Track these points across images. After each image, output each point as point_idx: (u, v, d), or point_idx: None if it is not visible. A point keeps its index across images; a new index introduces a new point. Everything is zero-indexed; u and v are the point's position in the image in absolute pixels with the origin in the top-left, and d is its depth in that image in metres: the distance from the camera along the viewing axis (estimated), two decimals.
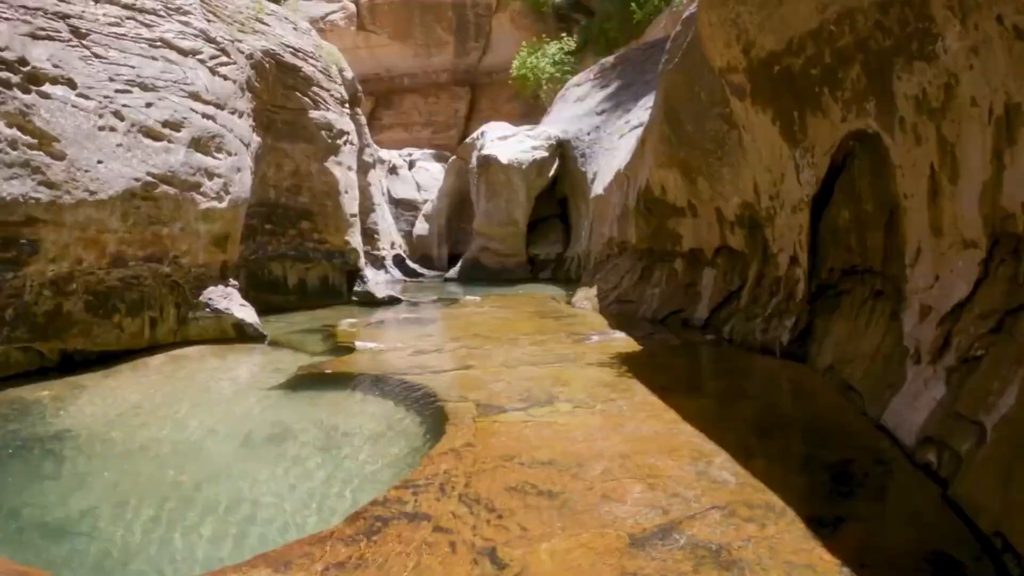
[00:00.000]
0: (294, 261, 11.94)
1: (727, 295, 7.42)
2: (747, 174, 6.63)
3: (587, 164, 15.48)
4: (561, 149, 17.23)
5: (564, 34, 28.44)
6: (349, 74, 16.09)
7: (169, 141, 8.04)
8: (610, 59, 18.88)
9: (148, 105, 7.96)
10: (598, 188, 12.99)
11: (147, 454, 4.48)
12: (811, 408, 4.57)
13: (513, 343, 7.18)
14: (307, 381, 6.24)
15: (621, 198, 10.85)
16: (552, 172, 17.34)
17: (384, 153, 24.77)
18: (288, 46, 11.18)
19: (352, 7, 34.71)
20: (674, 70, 7.42)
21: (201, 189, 8.37)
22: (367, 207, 17.98)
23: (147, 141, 7.79)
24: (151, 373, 7.07)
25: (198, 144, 8.37)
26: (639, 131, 11.58)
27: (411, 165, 25.87)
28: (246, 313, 8.94)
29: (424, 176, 25.03)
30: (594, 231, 13.20)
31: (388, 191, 23.76)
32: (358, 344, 7.49)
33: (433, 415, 4.77)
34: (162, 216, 7.94)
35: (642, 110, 13.91)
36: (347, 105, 12.91)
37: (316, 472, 4.19)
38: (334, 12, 34.90)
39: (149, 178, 7.71)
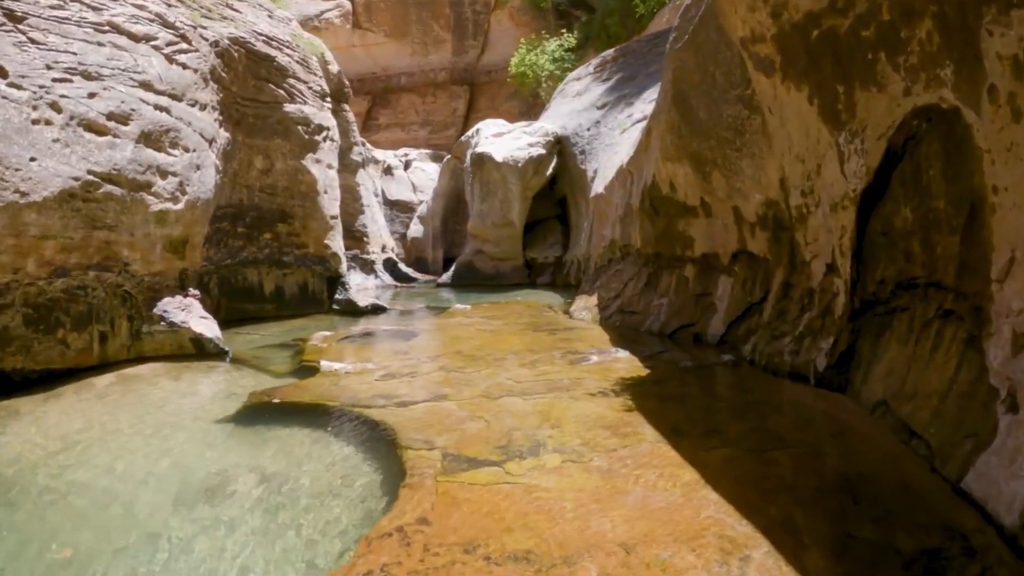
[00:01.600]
0: (270, 267, 10.99)
1: (747, 308, 6.44)
2: (772, 166, 5.66)
3: (587, 161, 14.49)
4: (559, 146, 16.23)
5: (564, 31, 27.61)
6: (334, 68, 15.19)
7: (115, 135, 7.12)
8: (611, 52, 17.90)
9: (91, 95, 7.06)
10: (598, 186, 11.99)
11: (65, 506, 3.70)
12: (866, 462, 3.60)
13: (499, 364, 6.22)
14: (258, 412, 5.36)
15: (624, 197, 9.85)
16: (550, 170, 16.33)
17: (379, 153, 24.00)
18: (260, 34, 10.24)
19: (348, 5, 34.00)
20: (684, 48, 6.44)
21: (152, 189, 7.45)
22: (356, 208, 17.10)
23: (89, 136, 6.89)
24: (95, 397, 6.23)
25: (149, 139, 7.45)
26: (643, 125, 10.62)
27: (407, 165, 25.06)
28: (206, 327, 8.01)
29: (420, 176, 24.21)
30: (594, 233, 12.20)
31: (382, 192, 22.97)
32: (323, 364, 6.55)
33: (390, 468, 3.83)
34: (107, 219, 7.07)
35: (646, 103, 12.95)
36: (328, 99, 11.96)
37: (233, 548, 3.24)
38: (329, 10, 34.22)
39: (90, 177, 6.81)
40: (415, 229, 22.15)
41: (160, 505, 3.76)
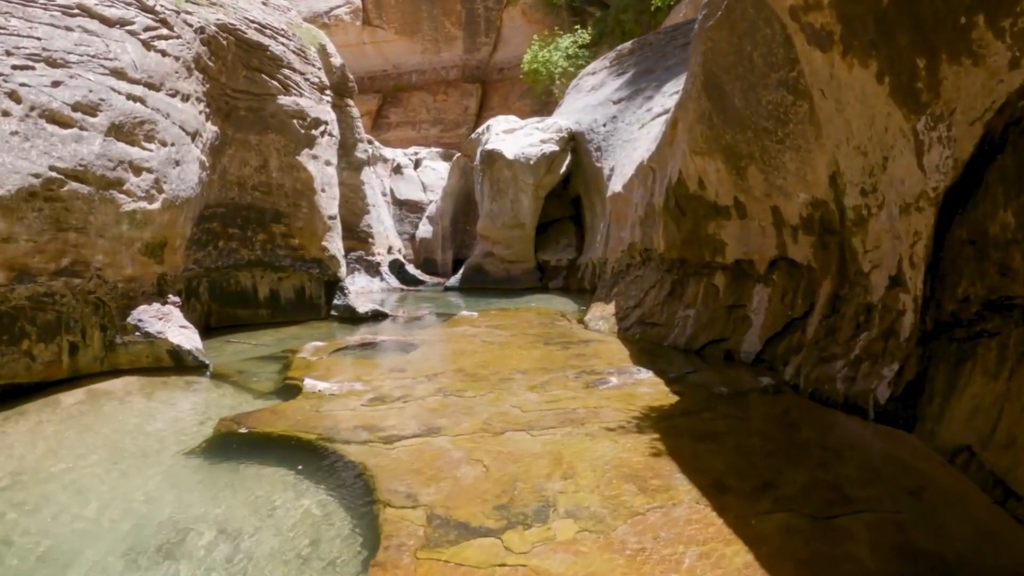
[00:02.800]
0: (264, 270, 10.29)
1: (787, 322, 5.65)
2: (821, 160, 4.87)
3: (603, 158, 13.68)
4: (574, 142, 15.39)
5: (577, 27, 26.86)
6: (337, 60, 14.50)
7: (81, 128, 6.47)
8: (627, 45, 17.07)
9: (55, 84, 6.42)
10: (616, 185, 11.18)
11: None
12: (959, 535, 2.82)
13: (504, 387, 5.45)
14: (227, 443, 4.70)
15: (645, 196, 9.04)
16: (564, 168, 15.48)
17: (388, 152, 23.41)
18: (252, 21, 9.53)
19: (357, 2, 33.48)
20: (716, 27, 5.64)
21: (124, 187, 6.79)
22: (361, 208, 16.42)
23: (51, 128, 6.25)
24: (58, 418, 5.68)
25: (120, 131, 6.78)
26: (664, 119, 9.82)
27: (417, 164, 24.42)
28: (186, 337, 7.33)
29: (430, 176, 23.55)
30: (611, 235, 11.38)
31: (391, 191, 22.36)
32: (307, 383, 5.83)
33: (364, 529, 3.10)
34: (73, 220, 6.45)
35: (666, 96, 12.16)
36: (328, 92, 11.24)
37: None
38: (339, 7, 33.68)
39: (53, 173, 6.19)
40: (424, 229, 21.45)
41: (103, 564, 3.13)
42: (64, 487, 4.06)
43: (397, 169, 23.36)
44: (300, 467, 4.07)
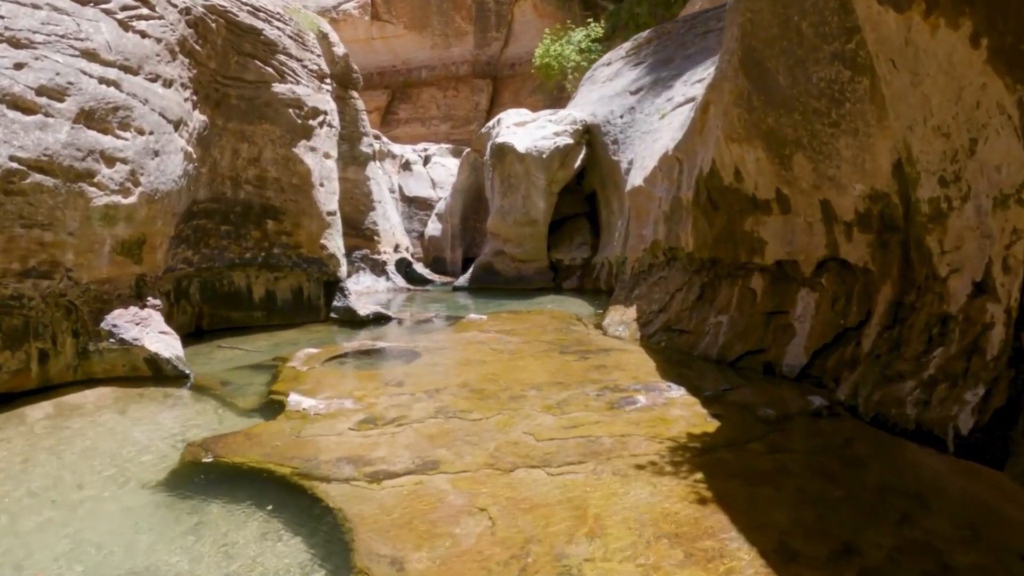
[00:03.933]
0: (259, 270, 9.66)
1: (839, 333, 4.93)
2: (884, 146, 4.16)
3: (620, 151, 12.95)
4: (589, 135, 14.66)
5: (590, 20, 26.17)
6: (340, 49, 13.88)
7: (46, 114, 5.89)
8: (644, 34, 16.33)
9: (18, 66, 5.85)
10: (636, 179, 10.43)
11: None
12: None
13: (515, 407, 4.77)
14: (196, 474, 4.07)
15: (670, 189, 8.30)
16: (578, 162, 14.75)
17: (396, 148, 22.84)
18: (244, 3, 8.90)
19: None
20: None
21: (95, 179, 6.20)
22: (366, 205, 15.80)
23: (13, 114, 5.70)
24: (21, 436, 5.15)
25: (90, 118, 6.18)
26: (688, 107, 9.11)
27: (426, 160, 23.81)
28: (164, 344, 6.72)
29: (440, 172, 22.93)
30: (631, 233, 10.63)
31: (400, 188, 21.77)
32: (291, 399, 5.18)
33: None
34: (39, 216, 5.88)
35: (688, 85, 11.42)
36: (328, 80, 10.60)
37: None
38: (347, 1, 33.12)
39: (14, 164, 5.63)
40: (432, 227, 20.81)
41: None
42: (10, 523, 3.47)
43: (406, 165, 22.76)
44: (271, 507, 3.43)
